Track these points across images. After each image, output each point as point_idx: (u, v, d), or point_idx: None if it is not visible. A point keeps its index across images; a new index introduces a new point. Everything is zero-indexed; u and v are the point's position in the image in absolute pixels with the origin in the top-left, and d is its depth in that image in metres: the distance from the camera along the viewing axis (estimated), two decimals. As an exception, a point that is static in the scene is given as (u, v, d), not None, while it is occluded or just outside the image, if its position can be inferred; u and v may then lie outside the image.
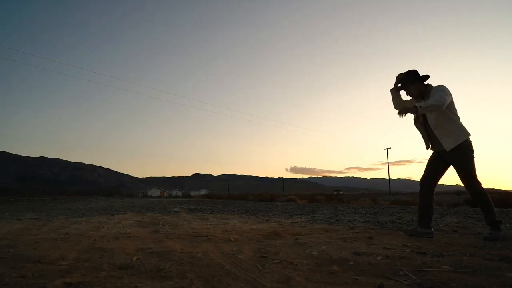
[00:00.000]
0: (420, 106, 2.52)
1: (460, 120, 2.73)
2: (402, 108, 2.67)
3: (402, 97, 3.02)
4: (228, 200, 23.57)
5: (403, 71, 2.90)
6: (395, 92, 2.99)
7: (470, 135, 2.69)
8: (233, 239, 2.67)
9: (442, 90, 2.64)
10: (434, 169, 2.82)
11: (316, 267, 1.66)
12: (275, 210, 7.96)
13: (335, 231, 3.24)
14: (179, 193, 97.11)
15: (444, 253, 1.94)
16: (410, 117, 2.84)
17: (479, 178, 2.62)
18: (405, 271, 1.51)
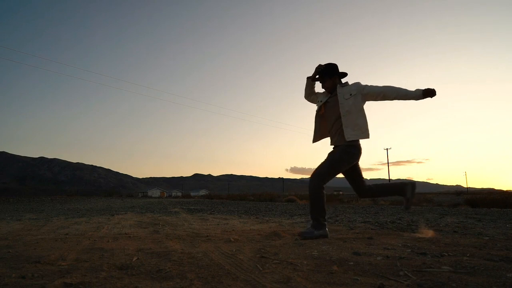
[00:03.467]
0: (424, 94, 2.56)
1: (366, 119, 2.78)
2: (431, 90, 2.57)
3: (315, 88, 3.10)
4: (228, 200, 23.55)
5: (323, 63, 2.93)
6: (311, 81, 3.04)
7: (368, 137, 2.71)
8: (233, 240, 2.67)
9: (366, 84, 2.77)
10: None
11: (316, 267, 1.65)
12: (275, 211, 7.96)
13: (335, 231, 3.24)
14: (179, 194, 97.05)
15: (444, 253, 1.94)
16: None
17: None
18: (405, 272, 1.51)
